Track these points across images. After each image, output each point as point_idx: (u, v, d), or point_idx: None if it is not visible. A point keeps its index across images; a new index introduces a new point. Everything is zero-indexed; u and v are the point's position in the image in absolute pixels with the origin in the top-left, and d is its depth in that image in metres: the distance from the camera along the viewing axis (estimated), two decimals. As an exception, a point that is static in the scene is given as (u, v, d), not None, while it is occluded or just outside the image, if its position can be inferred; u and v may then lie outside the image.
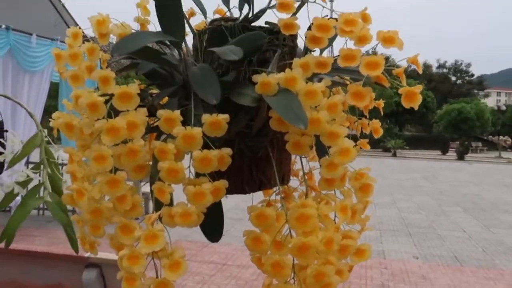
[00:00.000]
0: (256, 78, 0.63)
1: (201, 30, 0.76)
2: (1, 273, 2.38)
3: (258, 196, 0.83)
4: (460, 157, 24.74)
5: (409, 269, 5.07)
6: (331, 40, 0.70)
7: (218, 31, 0.74)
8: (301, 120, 0.57)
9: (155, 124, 0.74)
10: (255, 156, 0.76)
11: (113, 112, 0.63)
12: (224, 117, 0.61)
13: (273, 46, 0.72)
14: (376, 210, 8.56)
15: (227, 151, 0.63)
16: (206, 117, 0.61)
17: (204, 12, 0.84)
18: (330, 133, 0.61)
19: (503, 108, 39.31)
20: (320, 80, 0.66)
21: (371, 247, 0.75)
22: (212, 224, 0.74)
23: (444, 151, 27.59)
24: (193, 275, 4.62)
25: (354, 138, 0.93)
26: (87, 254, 2.48)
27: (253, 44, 0.67)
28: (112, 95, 0.63)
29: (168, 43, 0.72)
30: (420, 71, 0.77)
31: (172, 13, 0.69)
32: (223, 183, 0.63)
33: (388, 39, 0.67)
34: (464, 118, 31.05)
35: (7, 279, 2.40)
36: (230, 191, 0.71)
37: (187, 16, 0.86)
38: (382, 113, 0.90)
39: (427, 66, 49.65)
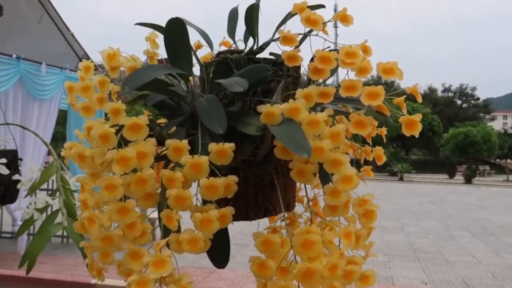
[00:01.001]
0: (261, 108, 0.65)
1: (208, 62, 0.79)
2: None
3: (264, 222, 0.84)
4: (468, 180, 24.58)
5: (418, 295, 5.01)
6: (333, 71, 0.73)
7: (224, 63, 0.77)
8: (304, 149, 0.59)
9: (163, 153, 0.76)
10: (261, 183, 0.78)
11: (123, 142, 0.66)
12: (230, 146, 0.64)
13: (277, 76, 0.75)
14: (383, 235, 8.49)
15: (233, 178, 0.65)
16: (212, 146, 0.63)
17: (210, 44, 0.87)
18: (333, 161, 0.63)
19: (510, 131, 39.21)
20: (323, 110, 0.68)
21: (378, 272, 0.75)
22: (219, 250, 0.76)
23: (451, 175, 27.44)
24: (199, 302, 4.59)
25: (357, 164, 0.95)
26: (94, 281, 2.49)
27: (258, 76, 0.70)
28: (122, 126, 0.66)
29: (176, 75, 0.75)
30: (420, 100, 0.79)
31: (180, 47, 0.72)
32: (229, 210, 0.65)
33: (388, 70, 0.70)
34: (471, 141, 30.98)
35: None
36: (236, 217, 0.72)
37: (194, 48, 0.89)
38: (384, 140, 0.92)
39: (432, 90, 49.82)
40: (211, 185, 0.64)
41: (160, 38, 0.78)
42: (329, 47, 0.75)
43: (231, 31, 0.88)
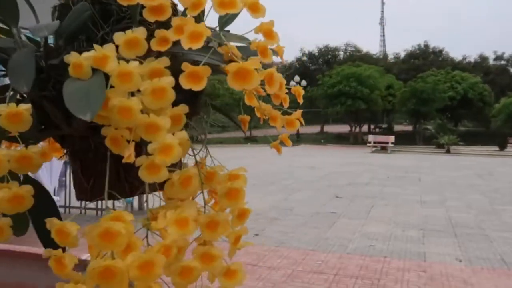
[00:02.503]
0: (68, 58, 0.51)
1: (54, 7, 0.65)
2: (8, 275, 2.37)
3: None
4: (520, 152, 23.43)
5: (449, 272, 4.77)
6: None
7: (68, 7, 0.62)
8: (88, 109, 0.44)
9: None
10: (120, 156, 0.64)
11: None
12: (25, 108, 0.50)
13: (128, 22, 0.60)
14: (422, 209, 8.19)
15: (36, 148, 0.51)
16: (2, 108, 0.50)
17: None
18: (148, 126, 0.48)
19: None
20: (196, 63, 0.53)
21: (410, 249, 0.61)
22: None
23: (502, 147, 26.18)
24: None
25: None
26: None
27: (78, 19, 0.55)
28: None
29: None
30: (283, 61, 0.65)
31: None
32: (27, 189, 0.51)
33: (252, 7, 0.53)
34: (525, 111, 29.43)
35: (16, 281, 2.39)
36: (95, 195, 0.59)
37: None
38: (300, 102, 0.76)
39: (483, 58, 47.41)
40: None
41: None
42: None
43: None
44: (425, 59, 44.43)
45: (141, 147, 0.56)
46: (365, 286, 4.30)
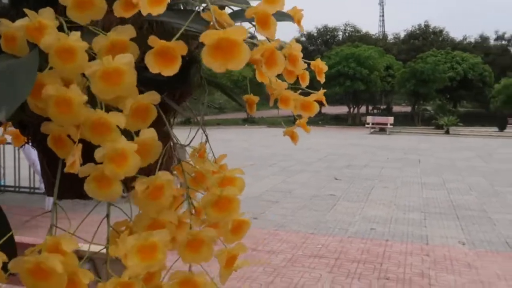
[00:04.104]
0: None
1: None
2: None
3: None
4: (520, 133, 23.30)
5: (453, 256, 4.67)
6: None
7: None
8: (3, 103, 0.29)
9: None
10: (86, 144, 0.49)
11: None
12: None
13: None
14: (423, 192, 8.08)
15: None
16: None
17: None
18: (95, 124, 0.33)
19: None
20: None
21: (413, 231, 0.47)
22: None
23: (502, 128, 26.04)
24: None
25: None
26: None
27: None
28: None
29: None
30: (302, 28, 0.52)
31: None
32: None
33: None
34: (525, 92, 29.19)
35: None
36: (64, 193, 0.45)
37: None
38: (322, 81, 0.61)
39: (484, 39, 46.94)
40: None
41: None
42: None
43: None
44: (425, 40, 44.05)
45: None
46: (367, 271, 4.20)
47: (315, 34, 46.60)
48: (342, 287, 3.82)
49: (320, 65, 0.64)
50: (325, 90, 0.61)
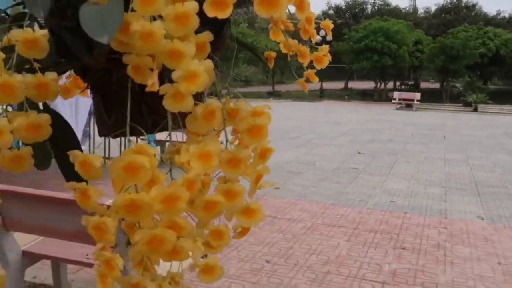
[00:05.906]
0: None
1: None
2: (32, 217, 2.46)
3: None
4: (551, 112, 22.76)
5: (470, 230, 4.76)
6: None
7: None
8: (104, 31, 0.42)
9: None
10: (143, 91, 0.63)
11: None
12: (42, 34, 0.48)
13: None
14: (445, 167, 8.11)
15: (51, 75, 0.50)
16: (17, 34, 0.48)
17: None
18: (171, 52, 0.47)
19: None
20: None
21: (432, 206, 0.60)
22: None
23: (534, 106, 25.50)
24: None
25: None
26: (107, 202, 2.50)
27: None
28: None
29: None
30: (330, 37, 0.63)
31: None
32: (45, 118, 0.51)
33: None
34: (559, 69, 28.34)
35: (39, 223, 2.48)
36: (116, 130, 0.59)
37: None
38: (330, 38, 0.73)
39: (519, 14, 45.49)
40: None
41: None
42: None
43: None
44: (456, 14, 42.83)
45: (163, 80, 0.54)
46: (384, 240, 4.33)
47: (344, 7, 45.84)
48: (358, 254, 3.97)
49: (328, 25, 0.78)
50: (328, 45, 0.75)
